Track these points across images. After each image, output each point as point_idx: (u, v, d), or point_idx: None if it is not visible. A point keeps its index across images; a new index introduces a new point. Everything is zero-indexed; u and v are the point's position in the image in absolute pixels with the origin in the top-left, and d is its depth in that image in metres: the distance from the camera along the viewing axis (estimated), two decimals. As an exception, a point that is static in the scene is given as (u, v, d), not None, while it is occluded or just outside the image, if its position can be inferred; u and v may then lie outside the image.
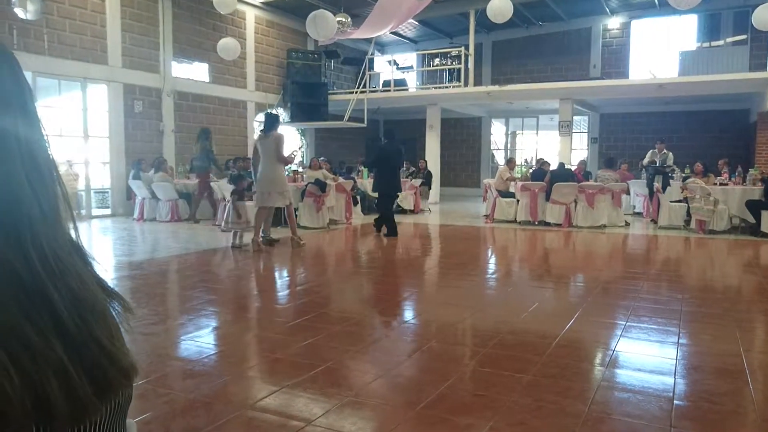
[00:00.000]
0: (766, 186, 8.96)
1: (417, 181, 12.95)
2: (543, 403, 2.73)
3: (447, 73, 16.17)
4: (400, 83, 16.47)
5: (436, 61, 16.81)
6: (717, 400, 2.80)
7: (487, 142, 19.71)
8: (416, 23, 16.23)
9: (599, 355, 3.56)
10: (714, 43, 15.45)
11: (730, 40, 15.28)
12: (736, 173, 10.09)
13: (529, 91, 14.67)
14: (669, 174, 10.82)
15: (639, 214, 12.00)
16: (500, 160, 19.12)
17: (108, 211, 11.65)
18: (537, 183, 10.36)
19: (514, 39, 17.84)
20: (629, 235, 9.56)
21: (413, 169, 13.77)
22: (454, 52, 15.90)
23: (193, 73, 13.28)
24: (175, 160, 12.32)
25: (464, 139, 19.71)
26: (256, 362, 3.53)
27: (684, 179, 10.18)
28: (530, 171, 11.59)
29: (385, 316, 4.58)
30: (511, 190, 10.93)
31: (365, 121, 15.07)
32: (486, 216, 11.37)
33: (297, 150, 11.15)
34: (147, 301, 4.79)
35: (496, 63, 18.40)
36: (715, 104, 15.29)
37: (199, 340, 3.80)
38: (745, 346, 3.60)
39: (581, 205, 10.02)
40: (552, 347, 3.54)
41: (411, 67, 18.12)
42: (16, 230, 0.48)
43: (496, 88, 14.41)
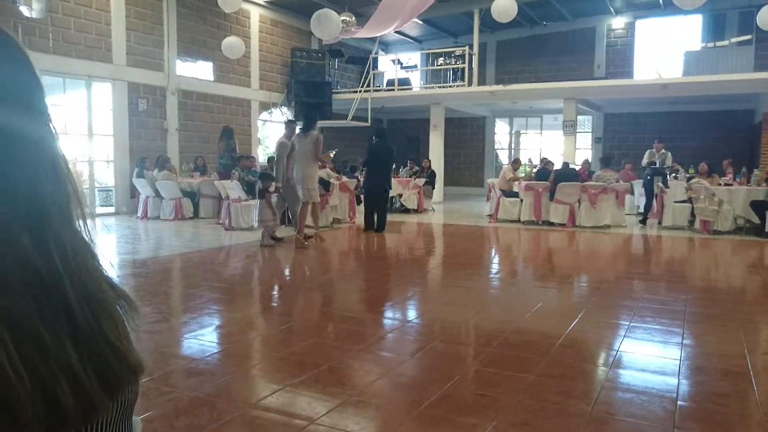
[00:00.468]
0: (771, 187, 8.93)
1: (421, 181, 12.94)
2: (546, 403, 2.72)
3: (451, 72, 16.14)
4: (404, 82, 16.45)
5: (440, 60, 16.78)
6: (721, 401, 2.79)
7: (491, 141, 19.68)
8: (420, 22, 16.22)
9: (603, 356, 3.55)
10: (719, 44, 15.37)
11: (735, 40, 15.21)
12: (741, 173, 10.05)
13: (533, 90, 14.64)
14: (668, 174, 10.78)
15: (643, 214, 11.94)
16: (504, 159, 19.10)
17: (112, 209, 11.68)
18: (541, 183, 10.34)
19: (519, 38, 17.81)
20: (632, 235, 9.54)
21: (417, 168, 13.77)
22: (458, 51, 15.89)
23: (198, 71, 13.30)
24: (179, 159, 12.34)
25: (468, 138, 19.67)
26: (259, 361, 3.54)
27: (688, 179, 10.15)
28: (534, 170, 11.56)
29: (389, 316, 4.58)
30: (515, 189, 10.92)
31: (369, 120, 15.07)
32: (490, 216, 11.35)
33: (332, 153, 11.38)
34: (151, 299, 4.79)
35: (500, 62, 18.38)
36: (720, 104, 15.24)
37: (202, 338, 3.81)
38: (749, 347, 3.59)
39: (584, 205, 9.99)
40: (556, 347, 3.54)
41: (415, 67, 18.12)
42: (39, 227, 0.48)
43: (500, 87, 14.38)
